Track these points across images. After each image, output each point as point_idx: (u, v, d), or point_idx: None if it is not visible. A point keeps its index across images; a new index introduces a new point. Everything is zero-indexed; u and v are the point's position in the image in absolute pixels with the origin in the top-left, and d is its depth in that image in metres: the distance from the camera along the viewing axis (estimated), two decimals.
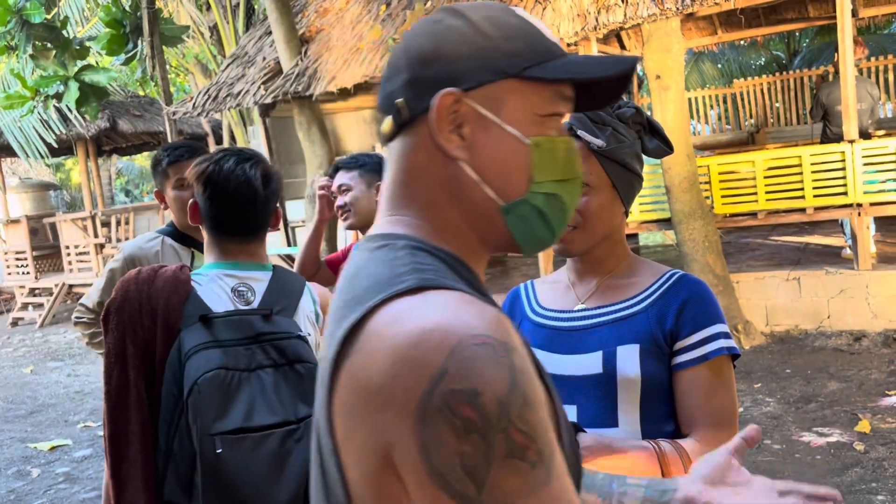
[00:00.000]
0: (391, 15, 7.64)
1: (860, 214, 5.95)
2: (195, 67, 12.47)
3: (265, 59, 8.36)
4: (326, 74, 7.30)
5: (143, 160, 22.10)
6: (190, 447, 1.44)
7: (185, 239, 2.45)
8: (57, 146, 12.00)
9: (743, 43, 14.32)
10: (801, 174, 6.14)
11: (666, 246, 8.53)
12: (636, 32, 8.64)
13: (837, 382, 4.93)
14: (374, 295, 0.68)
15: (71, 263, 11.37)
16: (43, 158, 12.10)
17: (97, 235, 11.17)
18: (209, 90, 8.44)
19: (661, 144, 1.37)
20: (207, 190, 1.62)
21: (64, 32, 9.38)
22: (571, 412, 1.31)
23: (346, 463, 0.67)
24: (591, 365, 1.30)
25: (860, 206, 5.96)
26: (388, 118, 0.80)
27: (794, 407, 4.60)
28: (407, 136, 0.79)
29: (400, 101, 0.78)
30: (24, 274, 11.91)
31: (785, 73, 11.97)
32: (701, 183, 6.20)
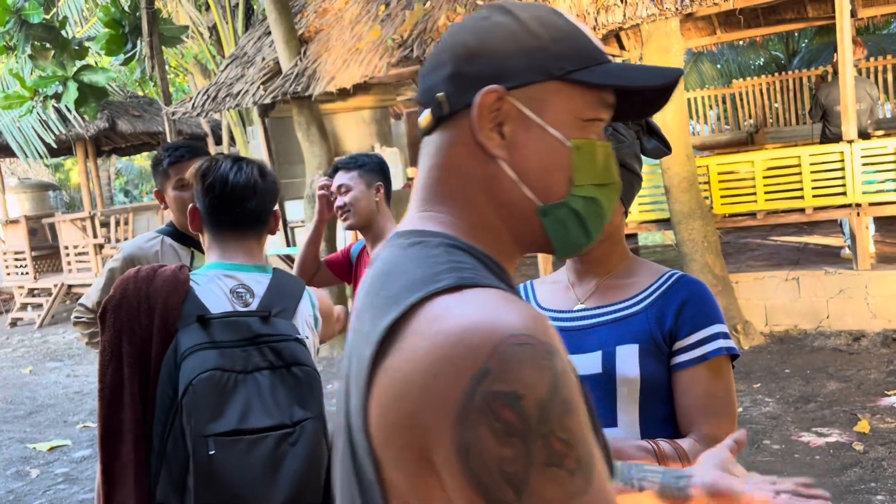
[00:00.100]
0: (390, 15, 7.64)
1: (859, 214, 5.95)
2: (194, 68, 12.46)
3: (264, 59, 8.35)
4: (325, 75, 7.30)
5: (142, 160, 22.09)
6: (183, 448, 1.43)
7: (184, 239, 2.45)
8: (56, 146, 12.00)
9: (742, 43, 14.33)
10: (800, 174, 6.15)
11: (665, 246, 8.53)
12: (635, 33, 8.63)
13: (837, 382, 4.93)
14: (412, 293, 0.67)
15: (70, 264, 11.36)
16: (42, 159, 12.10)
17: (96, 236, 11.17)
18: (208, 90, 8.44)
19: (659, 145, 1.37)
20: (207, 182, 1.62)
21: (63, 32, 9.37)
22: None
23: (384, 464, 0.66)
24: (590, 365, 1.30)
25: (859, 206, 5.97)
26: (426, 111, 0.79)
27: (793, 407, 4.60)
28: (446, 130, 0.78)
29: (441, 94, 0.77)
30: (23, 274, 11.91)
31: (784, 73, 11.98)
32: (700, 183, 6.20)
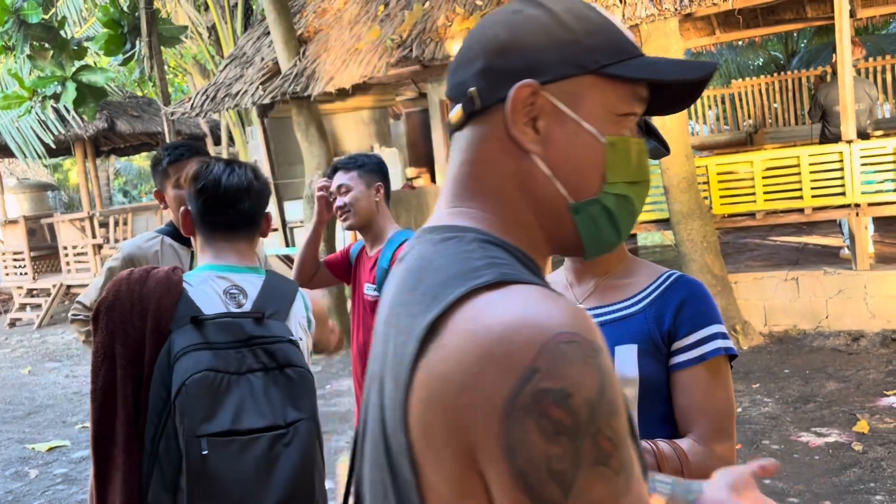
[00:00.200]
0: (389, 15, 7.64)
1: (858, 215, 5.96)
2: (193, 68, 12.46)
3: (263, 59, 8.35)
4: (325, 75, 7.30)
5: (141, 161, 22.08)
6: (176, 449, 1.43)
7: (184, 239, 2.45)
8: (55, 147, 12.00)
9: (741, 43, 14.34)
10: (799, 174, 6.15)
11: (664, 246, 8.54)
12: (635, 33, 8.63)
13: (836, 382, 4.93)
14: (451, 289, 0.66)
15: (69, 264, 11.35)
16: (41, 159, 12.10)
17: (95, 236, 11.16)
18: (207, 90, 8.44)
19: (658, 145, 1.37)
20: (199, 183, 1.63)
21: (62, 33, 9.37)
22: None
23: (422, 464, 0.65)
24: None
25: (858, 206, 5.97)
26: (457, 107, 0.78)
27: (792, 407, 4.60)
28: (477, 125, 0.77)
29: (473, 90, 0.76)
30: (21, 275, 11.90)
31: (783, 73, 11.99)
32: (699, 183, 6.20)
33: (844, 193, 6.00)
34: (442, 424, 0.63)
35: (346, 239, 7.55)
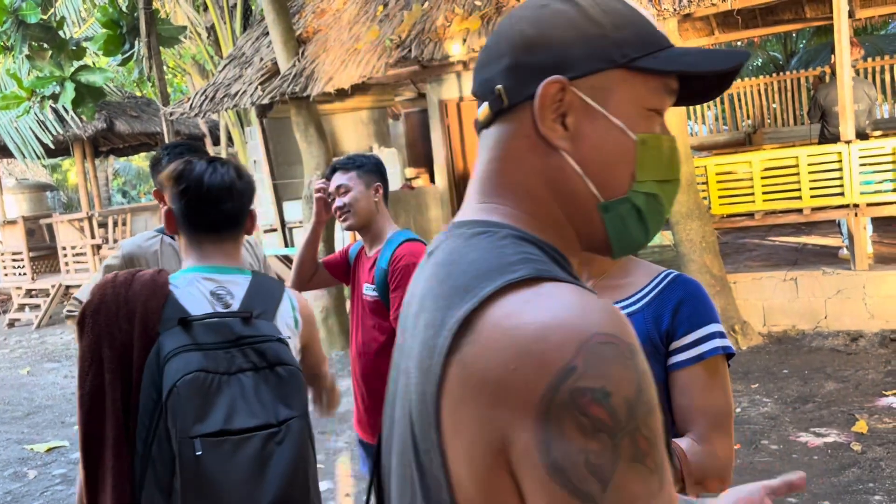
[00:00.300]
0: (388, 16, 7.64)
1: (857, 215, 5.96)
2: (192, 68, 12.45)
3: (262, 59, 8.35)
4: (324, 75, 7.30)
5: (140, 161, 22.07)
6: (169, 451, 1.42)
7: None
8: (53, 147, 12.00)
9: (740, 44, 14.31)
10: (797, 175, 6.15)
11: (663, 246, 8.53)
12: None
13: (834, 383, 4.93)
14: (485, 283, 0.65)
15: (68, 264, 11.34)
16: (39, 159, 12.10)
17: (94, 236, 11.15)
18: (206, 91, 8.44)
19: None
20: (181, 185, 1.61)
21: (60, 33, 9.36)
22: None
23: (451, 460, 0.64)
24: None
25: (857, 206, 5.97)
26: (484, 104, 0.77)
27: (791, 407, 4.60)
28: (505, 123, 0.76)
29: (499, 87, 0.75)
30: (20, 275, 11.89)
31: (782, 73, 12.00)
32: (698, 183, 6.21)
33: (843, 194, 6.00)
34: (473, 421, 0.62)
35: (345, 239, 7.55)
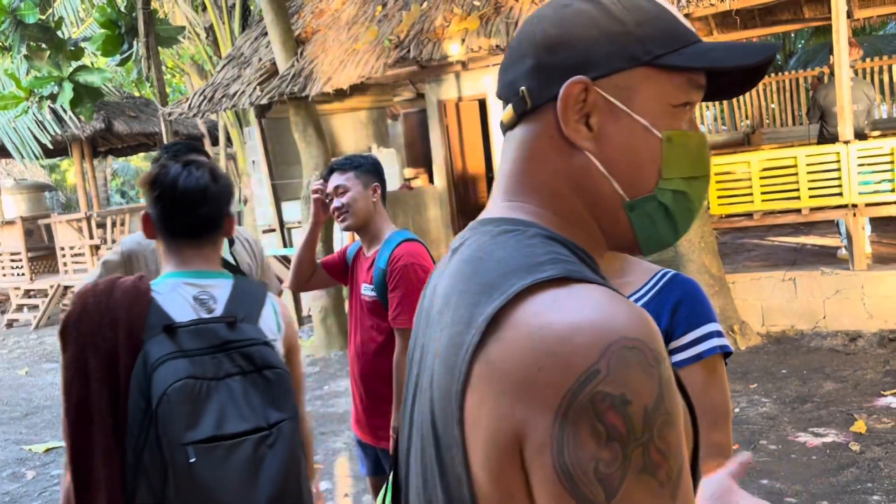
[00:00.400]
0: (387, 16, 7.64)
1: (855, 215, 5.97)
2: (191, 68, 12.45)
3: (261, 59, 8.35)
4: (322, 75, 7.30)
5: (138, 161, 22.06)
6: (161, 459, 1.41)
7: None
8: (52, 147, 11.99)
9: None
10: (796, 175, 6.16)
11: None
12: None
13: (833, 383, 4.94)
14: (513, 281, 0.65)
15: (66, 265, 11.33)
16: (38, 159, 12.09)
17: (92, 237, 11.14)
18: (205, 91, 8.43)
19: None
20: (156, 190, 1.60)
21: (59, 33, 9.35)
22: None
23: (472, 457, 0.64)
24: None
25: (855, 206, 5.98)
26: (508, 106, 0.77)
27: (789, 407, 4.60)
28: (529, 124, 0.75)
29: (523, 89, 0.74)
30: (19, 275, 11.88)
31: (780, 74, 12.00)
32: None
33: (842, 194, 6.00)
34: (493, 417, 0.62)
35: (343, 239, 7.55)
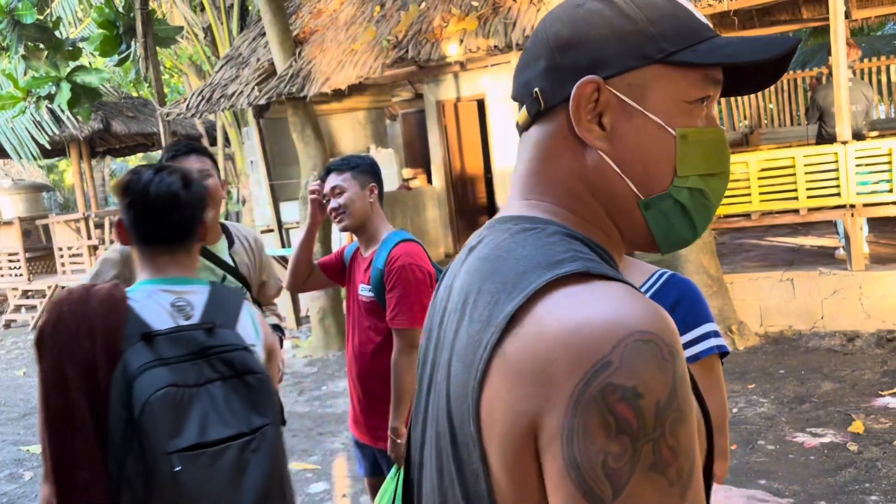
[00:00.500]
0: (385, 16, 7.64)
1: (853, 215, 5.97)
2: (189, 68, 12.44)
3: (259, 60, 8.34)
4: (320, 75, 7.30)
5: (136, 161, 22.02)
6: (144, 468, 1.40)
7: None
8: (50, 147, 11.96)
9: None
10: (794, 175, 6.16)
11: None
12: None
13: (831, 383, 4.94)
14: (533, 279, 0.65)
15: (64, 265, 11.32)
16: (35, 160, 12.07)
17: (90, 237, 11.12)
18: (203, 91, 8.43)
19: None
20: (128, 198, 1.59)
21: (56, 33, 9.35)
22: None
23: (489, 453, 0.64)
24: None
25: (853, 207, 5.98)
26: (523, 108, 0.77)
27: (787, 407, 4.61)
28: (543, 124, 0.76)
29: (536, 90, 0.75)
30: (16, 276, 11.86)
31: None
32: None
33: (839, 194, 6.01)
34: (509, 409, 0.62)
35: (342, 240, 7.54)
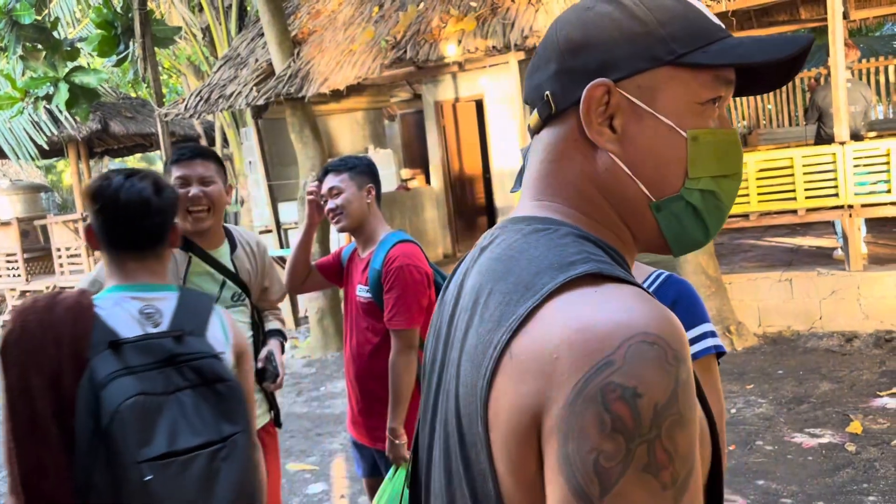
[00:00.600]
0: (384, 17, 7.64)
1: (851, 216, 5.98)
2: (187, 69, 12.43)
3: (257, 60, 8.34)
4: (319, 76, 7.29)
5: (135, 162, 22.01)
6: (112, 478, 1.39)
7: (183, 241, 2.40)
8: (48, 148, 11.95)
9: None
10: (792, 176, 6.17)
11: None
12: None
13: (829, 383, 4.94)
14: (545, 280, 0.65)
15: (62, 266, 11.31)
16: (34, 160, 12.05)
17: None
18: (201, 92, 8.42)
19: None
20: (98, 203, 1.57)
21: (54, 34, 9.34)
22: None
23: (496, 453, 0.65)
24: None
25: (851, 207, 5.99)
26: (535, 111, 0.77)
27: (786, 408, 4.61)
28: (554, 127, 0.76)
29: (547, 93, 0.75)
30: (14, 276, 11.85)
31: None
32: None
33: (837, 195, 6.02)
34: (513, 408, 0.62)
35: (340, 240, 7.54)
